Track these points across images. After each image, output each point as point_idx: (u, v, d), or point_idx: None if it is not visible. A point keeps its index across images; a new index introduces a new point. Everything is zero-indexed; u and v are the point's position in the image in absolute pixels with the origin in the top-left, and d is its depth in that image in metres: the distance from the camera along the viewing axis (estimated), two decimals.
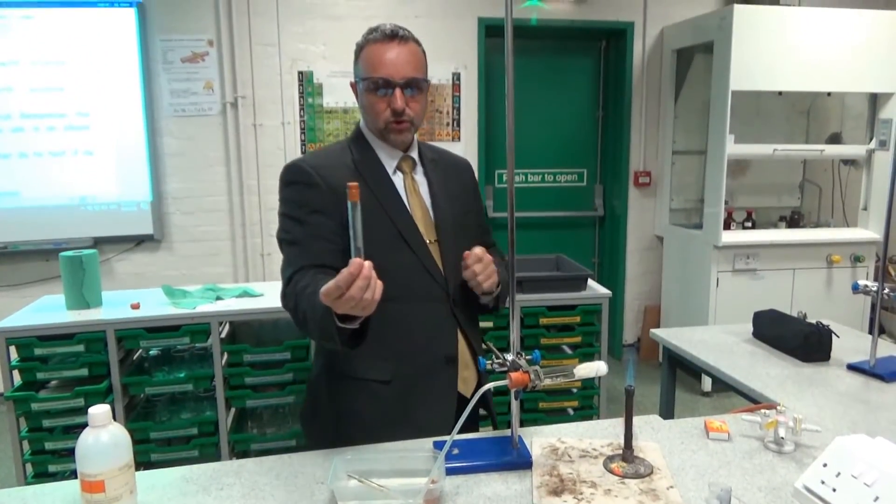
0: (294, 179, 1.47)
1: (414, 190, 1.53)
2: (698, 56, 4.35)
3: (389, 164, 1.52)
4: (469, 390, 1.54)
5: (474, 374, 1.56)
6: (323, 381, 1.55)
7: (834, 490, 1.08)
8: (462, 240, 1.52)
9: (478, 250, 1.43)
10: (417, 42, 1.47)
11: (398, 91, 1.42)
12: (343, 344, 1.22)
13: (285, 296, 1.40)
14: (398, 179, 1.52)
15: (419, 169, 1.56)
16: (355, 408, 1.49)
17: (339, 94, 4.18)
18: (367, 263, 1.11)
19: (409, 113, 1.45)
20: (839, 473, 1.09)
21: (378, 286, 1.13)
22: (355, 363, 1.47)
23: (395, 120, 1.44)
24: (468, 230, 1.59)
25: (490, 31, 4.33)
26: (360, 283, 1.10)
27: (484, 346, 1.59)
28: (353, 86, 1.51)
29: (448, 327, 1.51)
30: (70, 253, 2.67)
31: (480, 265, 1.41)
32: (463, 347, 1.53)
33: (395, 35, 1.42)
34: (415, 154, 1.56)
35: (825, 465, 1.12)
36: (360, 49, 1.46)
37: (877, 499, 1.02)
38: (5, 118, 3.78)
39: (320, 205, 1.42)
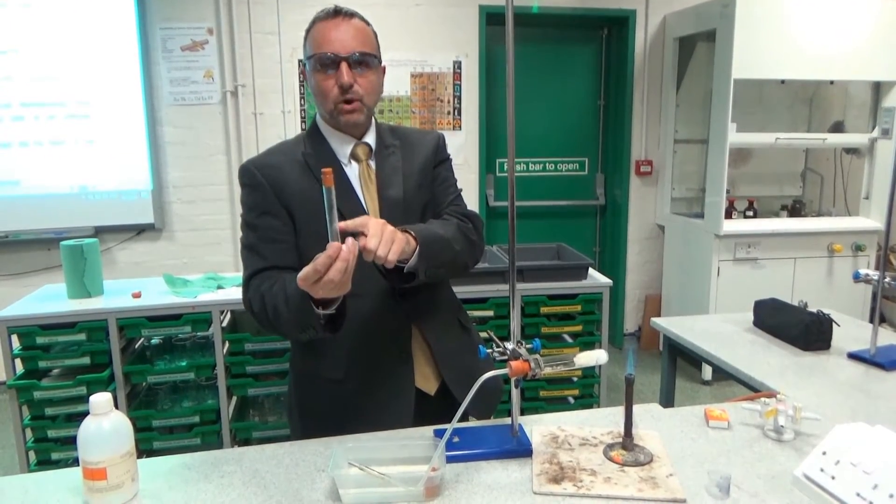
0: (243, 182, 1.45)
1: (369, 178, 1.47)
2: (700, 44, 4.32)
3: (343, 154, 1.47)
4: (431, 387, 1.49)
5: (435, 370, 1.50)
6: (291, 378, 1.57)
7: (833, 478, 1.08)
8: (413, 222, 1.41)
9: (369, 225, 1.21)
10: (365, 20, 1.44)
11: (344, 65, 1.36)
12: (323, 329, 1.23)
13: (246, 300, 1.39)
14: (353, 170, 1.47)
15: (376, 156, 1.50)
16: (315, 405, 1.50)
17: None
18: (346, 244, 1.11)
19: (357, 90, 1.39)
20: (838, 461, 1.09)
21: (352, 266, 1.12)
22: (311, 361, 1.48)
23: (344, 99, 1.39)
24: (420, 209, 1.50)
25: (491, 18, 4.30)
26: (339, 265, 1.09)
27: (485, 334, 1.58)
28: (304, 74, 1.47)
29: (398, 322, 1.46)
30: (71, 242, 2.67)
31: (374, 240, 1.19)
32: (418, 343, 1.48)
33: (339, 12, 1.40)
34: (371, 139, 1.49)
35: (824, 454, 1.12)
36: (308, 30, 1.43)
37: (876, 486, 1.02)
38: (5, 107, 3.77)
39: (266, 206, 1.41)
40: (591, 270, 3.03)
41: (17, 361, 2.56)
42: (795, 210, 4.36)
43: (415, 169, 1.52)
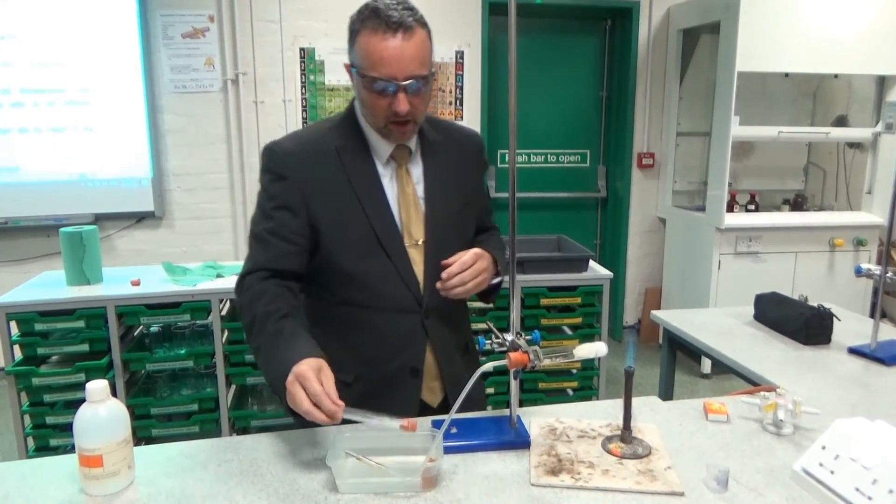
0: (267, 167, 1.36)
1: (407, 183, 1.39)
2: (704, 36, 4.30)
3: (381, 153, 1.38)
4: (435, 399, 1.47)
5: (441, 385, 1.47)
6: None
7: (832, 472, 1.08)
8: (456, 237, 1.41)
9: (464, 259, 1.32)
10: (424, 24, 1.27)
11: (402, 95, 1.25)
12: (286, 406, 1.18)
13: (239, 291, 1.36)
14: (389, 170, 1.39)
15: (416, 155, 1.42)
16: None
17: (341, 71, 4.14)
18: (339, 414, 1.09)
19: (412, 112, 1.28)
20: (838, 456, 1.09)
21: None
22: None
23: (396, 121, 1.29)
24: (466, 224, 1.49)
25: (494, 9, 4.27)
26: (319, 417, 1.08)
27: (484, 325, 1.58)
28: (348, 68, 1.32)
29: (415, 340, 1.42)
30: (70, 229, 2.66)
31: (458, 278, 1.30)
32: (430, 360, 1.44)
33: (401, 24, 1.22)
34: (412, 141, 1.40)
35: (824, 448, 1.12)
36: (354, 33, 1.27)
37: (875, 481, 1.02)
38: (5, 93, 3.75)
39: (286, 200, 1.33)
40: (591, 263, 3.02)
41: (16, 348, 2.56)
42: (797, 204, 4.34)
43: (461, 176, 1.47)
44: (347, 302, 1.40)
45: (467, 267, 1.31)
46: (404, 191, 1.39)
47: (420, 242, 1.40)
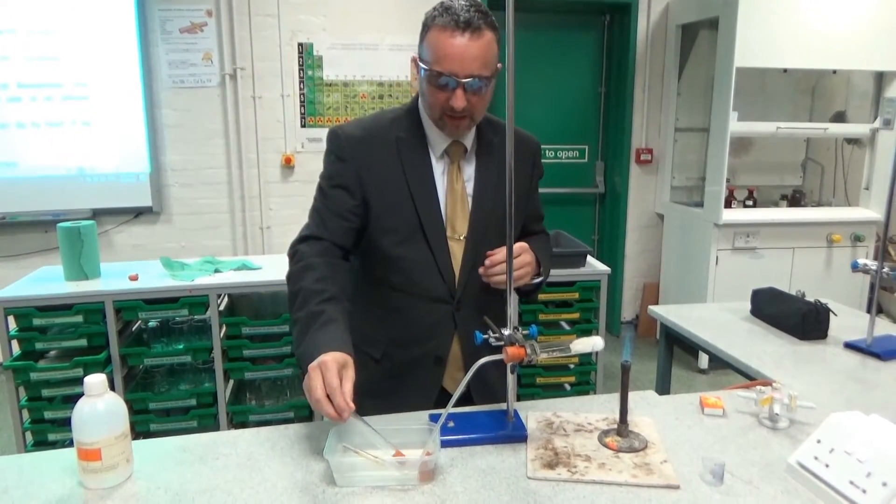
0: (330, 148, 1.44)
1: (457, 179, 1.44)
2: (703, 32, 4.29)
3: (436, 148, 1.44)
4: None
5: (464, 376, 1.50)
6: None
7: (827, 466, 1.08)
8: (498, 236, 1.38)
9: (508, 250, 1.32)
10: (493, 27, 1.31)
11: (460, 91, 1.30)
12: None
13: (291, 257, 1.40)
14: (442, 164, 1.45)
15: (471, 154, 1.47)
16: None
17: (340, 66, 4.14)
18: (347, 414, 1.10)
19: (469, 109, 1.33)
20: (833, 450, 1.10)
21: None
22: (358, 333, 1.47)
23: (452, 115, 1.34)
24: (513, 224, 1.47)
25: (492, 3, 4.20)
26: (328, 411, 1.10)
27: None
28: (415, 60, 1.38)
29: (444, 330, 1.47)
30: (68, 224, 2.66)
31: (500, 267, 1.32)
32: (456, 351, 1.48)
33: (469, 24, 1.27)
34: (469, 140, 1.45)
35: (819, 442, 1.13)
36: (426, 28, 1.33)
37: (869, 475, 1.02)
38: (2, 88, 3.75)
39: (343, 180, 1.40)
40: (589, 258, 3.02)
41: (14, 343, 2.56)
42: (795, 200, 4.35)
43: (514, 180, 1.47)
44: (385, 283, 1.46)
45: (513, 258, 1.34)
46: (453, 186, 1.45)
47: (462, 237, 1.45)
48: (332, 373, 1.11)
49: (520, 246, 1.38)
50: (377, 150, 1.41)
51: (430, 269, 1.43)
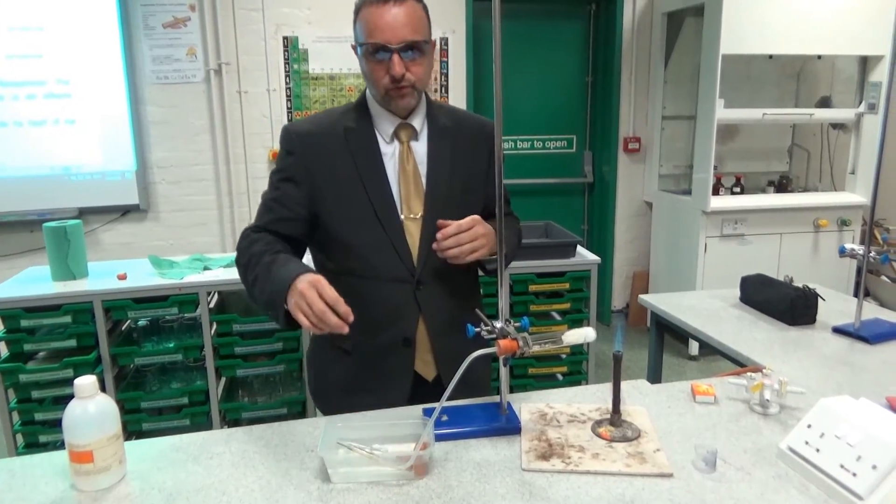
0: (281, 144, 1.50)
1: (408, 160, 1.47)
2: (689, 19, 4.30)
3: (385, 133, 1.47)
4: (430, 373, 1.52)
5: (434, 358, 1.51)
6: (311, 342, 1.66)
7: (818, 450, 1.10)
8: (457, 215, 1.38)
9: (461, 222, 1.34)
10: None
11: (396, 57, 1.35)
12: (284, 322, 1.28)
13: (239, 248, 1.46)
14: (392, 149, 1.47)
15: (423, 137, 1.50)
16: (326, 371, 1.57)
17: (325, 60, 4.11)
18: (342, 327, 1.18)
19: (409, 77, 1.38)
20: (823, 434, 1.11)
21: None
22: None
23: (395, 86, 1.38)
24: (469, 206, 1.47)
25: None
26: (332, 321, 1.17)
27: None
28: (354, 48, 1.45)
29: (408, 311, 1.48)
30: (54, 223, 2.64)
31: (453, 240, 1.33)
32: (423, 331, 1.49)
33: None
34: (418, 121, 1.49)
35: (809, 427, 1.14)
36: (357, 11, 1.41)
37: (859, 458, 1.03)
38: None
39: (291, 173, 1.46)
40: (579, 248, 3.03)
41: (2, 344, 2.54)
42: (782, 186, 4.37)
43: (469, 161, 1.53)
44: (347, 272, 1.47)
45: (464, 230, 1.35)
46: (405, 167, 1.47)
47: (419, 216, 1.47)
48: (326, 284, 1.18)
49: (472, 219, 1.37)
50: (326, 142, 1.45)
51: (386, 249, 1.45)
